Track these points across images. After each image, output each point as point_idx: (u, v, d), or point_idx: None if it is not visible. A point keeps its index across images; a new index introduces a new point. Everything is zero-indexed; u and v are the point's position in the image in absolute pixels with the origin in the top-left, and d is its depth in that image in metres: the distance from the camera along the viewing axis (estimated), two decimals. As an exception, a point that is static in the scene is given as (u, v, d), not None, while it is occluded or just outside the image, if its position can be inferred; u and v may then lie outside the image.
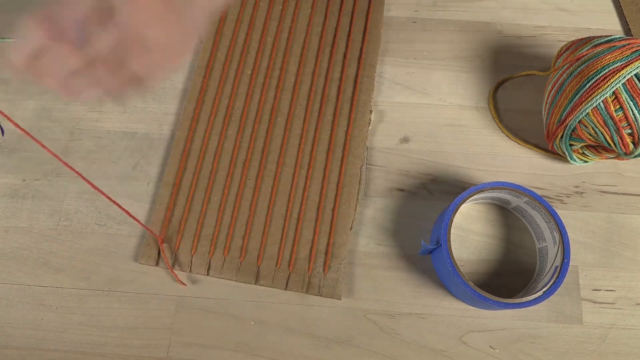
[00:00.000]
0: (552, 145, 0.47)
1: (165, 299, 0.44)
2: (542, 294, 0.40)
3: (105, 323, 0.43)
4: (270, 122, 0.50)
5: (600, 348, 0.43)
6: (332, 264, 0.45)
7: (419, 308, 0.44)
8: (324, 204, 0.47)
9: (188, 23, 0.32)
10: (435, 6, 0.58)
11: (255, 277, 0.44)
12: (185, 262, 0.45)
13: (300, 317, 0.44)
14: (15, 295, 0.44)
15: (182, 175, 0.48)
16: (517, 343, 0.43)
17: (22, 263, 0.45)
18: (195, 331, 0.43)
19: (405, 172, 0.49)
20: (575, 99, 0.44)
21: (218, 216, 0.46)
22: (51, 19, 0.28)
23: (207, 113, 0.51)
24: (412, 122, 0.51)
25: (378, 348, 0.43)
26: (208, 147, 0.49)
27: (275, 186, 0.48)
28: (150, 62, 0.30)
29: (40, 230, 0.46)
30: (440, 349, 0.43)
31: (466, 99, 0.53)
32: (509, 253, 0.46)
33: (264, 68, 0.53)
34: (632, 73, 0.41)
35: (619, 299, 0.44)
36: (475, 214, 0.47)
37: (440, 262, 0.42)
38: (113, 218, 0.47)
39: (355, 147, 0.49)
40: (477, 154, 0.50)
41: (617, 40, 0.44)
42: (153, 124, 0.51)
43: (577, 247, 0.46)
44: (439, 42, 0.56)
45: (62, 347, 0.43)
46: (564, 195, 0.48)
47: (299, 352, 0.43)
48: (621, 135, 0.42)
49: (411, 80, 0.53)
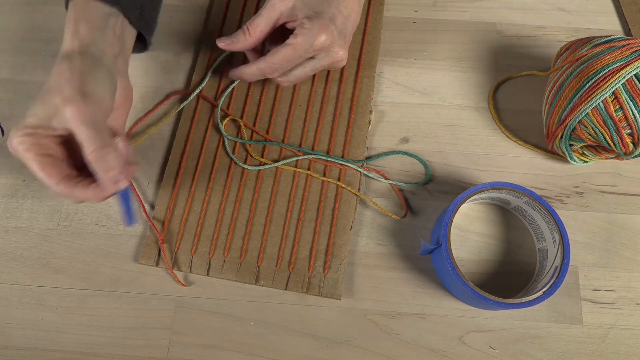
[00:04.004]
0: (552, 145, 0.47)
1: (165, 299, 0.44)
2: (542, 294, 0.40)
3: (105, 323, 0.43)
4: (270, 122, 0.50)
5: (600, 348, 0.43)
6: (332, 264, 0.45)
7: (419, 308, 0.44)
8: (324, 204, 0.47)
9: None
10: (435, 6, 0.58)
11: (255, 278, 0.44)
12: (185, 263, 0.45)
13: (300, 317, 0.44)
14: (15, 295, 0.44)
15: (182, 175, 0.48)
16: (517, 343, 0.43)
17: (22, 263, 0.45)
18: (195, 331, 0.43)
19: (405, 172, 0.49)
20: (575, 99, 0.44)
21: (218, 216, 0.46)
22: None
23: (206, 113, 0.51)
24: (412, 122, 0.51)
25: (378, 348, 0.43)
26: (208, 147, 0.49)
27: (275, 186, 0.48)
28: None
29: (40, 230, 0.46)
30: (440, 349, 0.43)
31: (466, 99, 0.53)
32: (509, 253, 0.46)
33: (264, 68, 0.53)
34: (631, 73, 0.42)
35: (619, 299, 0.44)
36: (475, 214, 0.47)
37: (440, 262, 0.42)
38: (113, 218, 0.47)
39: (355, 147, 0.49)
40: (477, 154, 0.50)
41: (617, 41, 0.44)
42: (153, 124, 0.51)
43: (577, 247, 0.46)
44: (439, 42, 0.56)
45: (62, 347, 0.43)
46: (564, 195, 0.48)
47: (299, 352, 0.43)
48: (621, 135, 0.42)
49: (411, 80, 0.53)
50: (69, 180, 0.37)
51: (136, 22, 0.45)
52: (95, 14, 0.42)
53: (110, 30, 0.43)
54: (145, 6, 0.46)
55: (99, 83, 0.39)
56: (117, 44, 0.43)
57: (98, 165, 0.36)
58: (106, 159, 0.36)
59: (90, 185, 0.37)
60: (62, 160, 0.39)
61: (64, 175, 0.37)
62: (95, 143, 0.36)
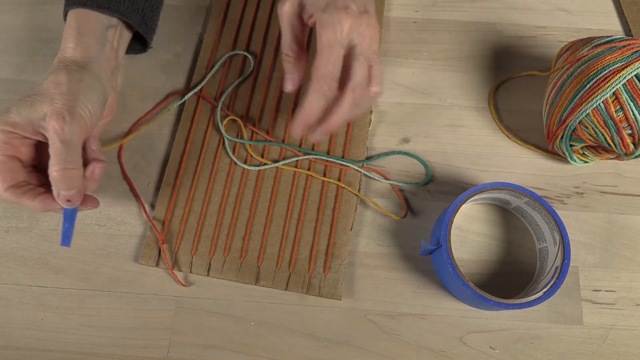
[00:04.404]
0: (553, 145, 0.47)
1: (165, 299, 0.44)
2: (543, 295, 0.40)
3: (105, 323, 0.43)
4: (271, 122, 0.50)
5: (601, 349, 0.43)
6: (333, 264, 0.45)
7: (419, 309, 0.44)
8: (324, 205, 0.47)
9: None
10: (435, 6, 0.58)
11: (255, 278, 0.44)
12: (185, 263, 0.45)
13: (301, 318, 0.44)
14: (15, 296, 0.44)
15: (182, 175, 0.48)
16: (517, 344, 0.43)
17: (22, 263, 0.45)
18: (195, 331, 0.43)
19: (405, 172, 0.49)
20: (575, 100, 0.44)
21: (218, 217, 0.46)
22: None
23: (206, 113, 0.51)
24: (412, 122, 0.51)
25: (378, 348, 0.43)
26: (208, 147, 0.49)
27: (275, 186, 0.48)
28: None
29: (40, 230, 0.46)
30: (441, 349, 0.43)
31: (466, 99, 0.53)
32: (509, 253, 0.46)
33: (265, 69, 0.53)
34: (632, 73, 0.41)
35: (619, 299, 0.44)
36: (475, 214, 0.47)
37: (441, 263, 0.42)
38: (113, 219, 0.47)
39: (355, 147, 0.49)
40: (477, 154, 0.50)
41: (618, 41, 0.44)
42: (153, 124, 0.51)
43: (577, 247, 0.46)
44: (439, 42, 0.55)
45: (62, 347, 0.43)
46: (564, 195, 0.48)
47: (299, 353, 0.43)
48: (621, 135, 0.42)
49: (411, 80, 0.53)
50: (17, 189, 0.38)
51: (139, 27, 0.45)
52: (97, 26, 0.42)
53: (109, 44, 0.43)
54: (147, 9, 0.46)
55: (92, 104, 0.39)
56: (114, 59, 0.44)
57: (59, 183, 0.37)
58: (68, 179, 0.37)
59: (38, 197, 0.38)
60: (25, 164, 0.39)
61: (16, 182, 0.38)
62: (63, 163, 0.37)
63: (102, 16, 0.43)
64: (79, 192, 0.38)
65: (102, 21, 0.43)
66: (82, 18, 0.42)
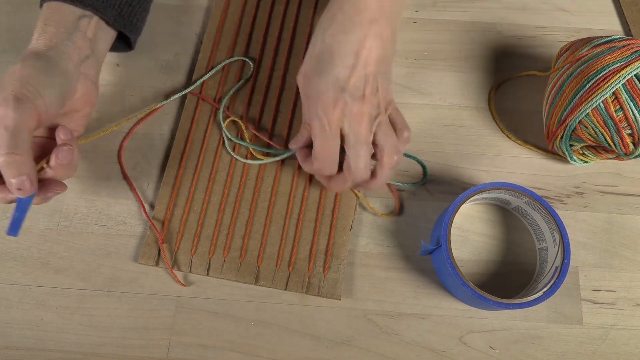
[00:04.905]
0: (552, 145, 0.47)
1: (165, 299, 0.44)
2: (542, 295, 0.40)
3: (105, 323, 0.43)
4: (271, 122, 0.50)
5: (601, 349, 0.43)
6: (332, 264, 0.45)
7: (419, 308, 0.44)
8: (324, 204, 0.47)
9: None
10: (435, 6, 0.58)
11: (255, 278, 0.44)
12: (185, 263, 0.45)
13: (300, 318, 0.44)
14: (15, 296, 0.44)
15: (182, 175, 0.48)
16: (517, 343, 0.43)
17: (22, 263, 0.45)
18: (195, 331, 0.43)
19: (405, 172, 0.49)
20: (575, 100, 0.44)
21: (218, 216, 0.46)
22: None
23: (207, 113, 0.51)
24: (412, 122, 0.51)
25: (378, 348, 0.43)
26: (208, 147, 0.49)
27: (275, 186, 0.48)
28: None
29: (40, 230, 0.46)
30: (441, 349, 0.43)
31: (466, 99, 0.53)
32: (509, 253, 0.46)
33: (265, 69, 0.53)
34: (632, 73, 0.41)
35: (619, 299, 0.44)
36: (475, 214, 0.47)
37: (441, 263, 0.42)
38: (113, 218, 0.47)
39: (355, 147, 0.49)
40: (477, 154, 0.50)
41: (617, 41, 0.44)
42: (153, 124, 0.51)
43: (577, 247, 0.46)
44: (439, 42, 0.55)
45: (62, 347, 0.43)
46: (564, 195, 0.48)
47: (299, 353, 0.43)
48: (621, 135, 0.42)
49: (411, 80, 0.53)
50: None
51: (114, 22, 0.45)
52: (67, 16, 0.42)
53: (79, 33, 0.42)
54: (124, 5, 0.46)
55: (44, 89, 0.38)
56: (87, 47, 0.43)
57: (6, 170, 0.36)
58: (15, 166, 0.36)
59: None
60: None
61: None
62: (6, 148, 0.36)
63: (75, 8, 0.42)
64: (29, 179, 0.37)
65: (74, 12, 0.42)
66: (54, 10, 0.42)
